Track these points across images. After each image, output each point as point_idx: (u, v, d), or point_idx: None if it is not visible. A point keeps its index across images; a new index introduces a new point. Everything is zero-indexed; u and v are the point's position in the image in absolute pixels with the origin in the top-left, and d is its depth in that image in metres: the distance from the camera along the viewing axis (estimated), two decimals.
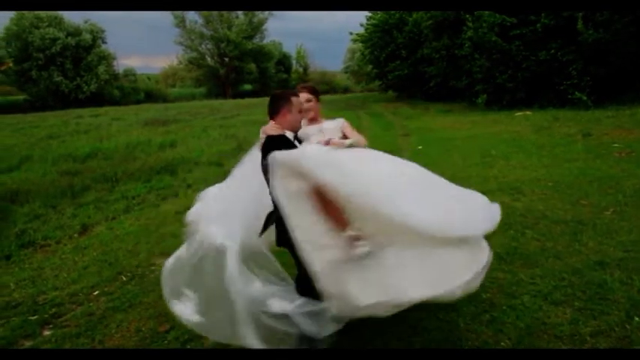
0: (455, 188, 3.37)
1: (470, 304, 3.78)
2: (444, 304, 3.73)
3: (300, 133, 3.45)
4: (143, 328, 3.78)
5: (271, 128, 3.15)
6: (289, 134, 3.18)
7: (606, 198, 6.28)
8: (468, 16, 20.96)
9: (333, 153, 3.09)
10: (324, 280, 2.65)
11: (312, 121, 3.76)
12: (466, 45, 21.36)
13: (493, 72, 20.42)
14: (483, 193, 6.75)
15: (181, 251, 3.15)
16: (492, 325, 3.52)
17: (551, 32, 18.11)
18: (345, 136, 3.62)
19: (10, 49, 45.41)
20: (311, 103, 3.71)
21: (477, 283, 2.79)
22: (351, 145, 3.39)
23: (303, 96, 3.60)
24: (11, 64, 45.57)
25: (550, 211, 5.97)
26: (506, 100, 20.38)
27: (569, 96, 17.63)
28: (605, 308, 3.58)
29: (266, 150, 2.96)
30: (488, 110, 20.16)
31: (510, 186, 7.35)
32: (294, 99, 3.22)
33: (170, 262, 3.15)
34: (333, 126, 3.72)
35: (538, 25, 18.14)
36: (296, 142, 3.23)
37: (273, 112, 3.21)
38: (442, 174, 8.51)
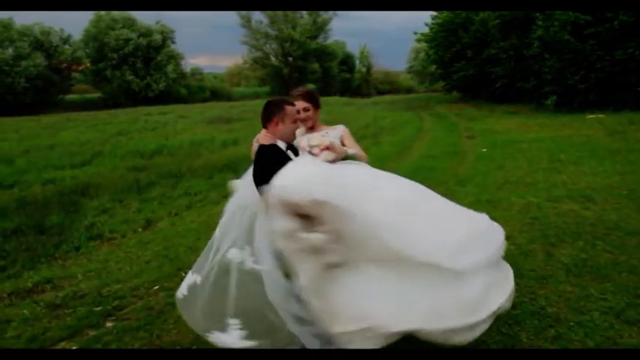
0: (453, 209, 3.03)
1: (533, 317, 3.60)
2: (506, 318, 3.58)
3: (296, 142, 3.28)
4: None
5: (263, 137, 3.06)
6: (281, 144, 3.09)
7: None
8: (538, 14, 20.17)
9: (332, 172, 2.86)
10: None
11: (311, 130, 3.50)
12: (535, 44, 20.60)
13: (564, 72, 19.57)
14: (550, 200, 6.58)
15: (194, 280, 3.12)
16: (558, 341, 3.31)
17: (630, 30, 17.10)
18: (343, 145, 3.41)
19: (87, 50, 48.10)
20: (308, 113, 3.43)
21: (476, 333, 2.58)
22: (352, 157, 3.26)
23: (299, 104, 3.35)
24: (88, 65, 48.25)
25: (624, 221, 5.59)
26: (578, 102, 19.48)
27: None
28: None
29: (257, 160, 2.96)
30: (557, 113, 19.33)
31: (580, 193, 6.96)
32: (288, 108, 3.10)
33: (184, 294, 3.12)
34: (333, 134, 3.49)
35: (615, 22, 17.20)
36: (290, 153, 3.12)
37: (266, 120, 3.10)
38: (507, 178, 8.27)
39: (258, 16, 58.54)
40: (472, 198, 7.20)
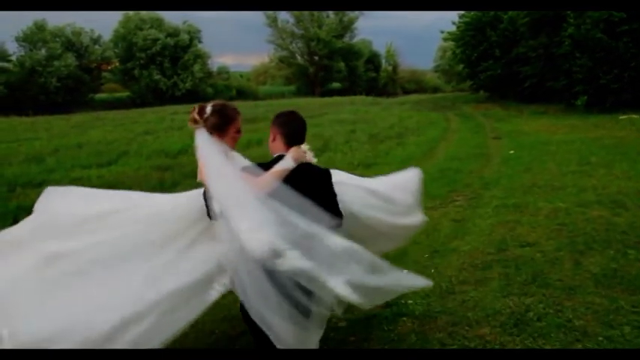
0: None
1: (559, 330, 3.45)
2: (530, 330, 3.46)
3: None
4: (217, 331, 3.81)
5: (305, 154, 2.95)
6: None
7: None
8: (569, 12, 19.71)
9: None
10: None
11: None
12: (566, 43, 20.12)
13: (596, 72, 19.06)
14: (579, 205, 6.38)
15: None
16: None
17: None
18: None
19: (116, 50, 49.09)
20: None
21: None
22: None
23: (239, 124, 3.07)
24: (117, 64, 49.24)
25: None
26: (610, 102, 18.96)
27: None
28: None
29: (315, 170, 2.95)
30: (588, 113, 18.85)
31: (611, 198, 6.72)
32: None
33: None
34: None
35: None
36: None
37: (305, 135, 3.01)
38: (534, 182, 8.07)
39: (284, 16, 58.86)
40: (497, 202, 7.04)
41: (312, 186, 2.86)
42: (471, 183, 8.63)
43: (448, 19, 49.22)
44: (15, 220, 7.41)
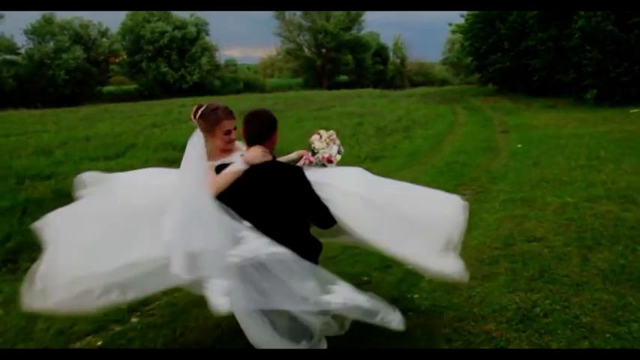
0: None
1: (566, 327, 3.43)
2: (536, 327, 3.44)
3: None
4: (222, 325, 3.82)
5: (264, 155, 2.88)
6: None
7: None
8: None
9: None
10: None
11: (228, 152, 3.20)
12: (576, 35, 19.92)
13: (606, 64, 18.88)
14: (588, 200, 6.31)
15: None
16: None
17: None
18: None
19: (124, 43, 49.24)
20: (234, 133, 3.18)
21: None
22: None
23: (230, 124, 3.12)
24: (125, 57, 49.36)
25: None
26: (620, 96, 18.80)
27: None
28: None
29: (279, 175, 2.88)
30: (597, 107, 18.67)
31: (620, 193, 6.64)
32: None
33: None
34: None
35: None
36: None
37: (266, 136, 2.94)
38: (542, 176, 8.01)
39: None
40: (505, 196, 7.00)
41: (275, 188, 2.87)
42: (479, 177, 8.59)
43: (456, 12, 48.95)
44: (24, 212, 7.49)
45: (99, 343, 3.77)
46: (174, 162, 10.95)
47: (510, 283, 4.18)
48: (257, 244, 2.64)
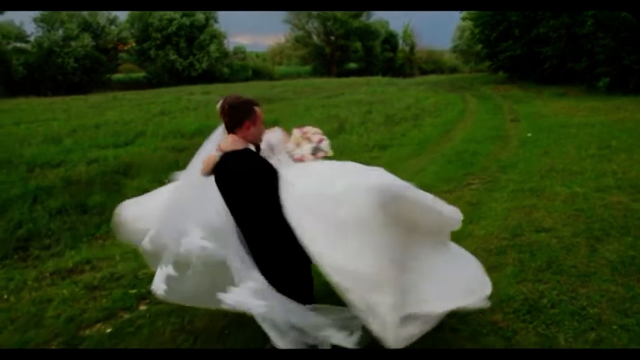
0: None
1: (573, 318, 3.42)
2: (543, 318, 3.43)
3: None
4: (229, 313, 3.84)
5: (233, 143, 2.88)
6: (252, 148, 2.98)
7: None
8: None
9: None
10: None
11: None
12: (589, 23, 19.61)
13: (619, 52, 18.60)
14: (598, 190, 6.25)
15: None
16: (599, 346, 3.13)
17: None
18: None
19: (132, 31, 49.19)
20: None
21: None
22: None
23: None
24: (134, 44, 49.36)
25: None
26: (633, 84, 18.51)
27: None
28: None
29: (236, 165, 2.83)
30: (610, 95, 18.42)
31: (631, 183, 6.56)
32: (257, 109, 2.94)
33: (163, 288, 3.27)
34: (274, 138, 3.27)
35: None
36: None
37: (236, 125, 2.89)
38: (552, 166, 7.93)
39: None
40: (514, 186, 6.95)
41: (228, 178, 2.89)
42: (488, 166, 8.53)
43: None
44: (35, 200, 7.56)
45: (108, 330, 3.82)
46: (182, 150, 11.03)
47: (518, 273, 4.17)
48: (193, 239, 2.89)
